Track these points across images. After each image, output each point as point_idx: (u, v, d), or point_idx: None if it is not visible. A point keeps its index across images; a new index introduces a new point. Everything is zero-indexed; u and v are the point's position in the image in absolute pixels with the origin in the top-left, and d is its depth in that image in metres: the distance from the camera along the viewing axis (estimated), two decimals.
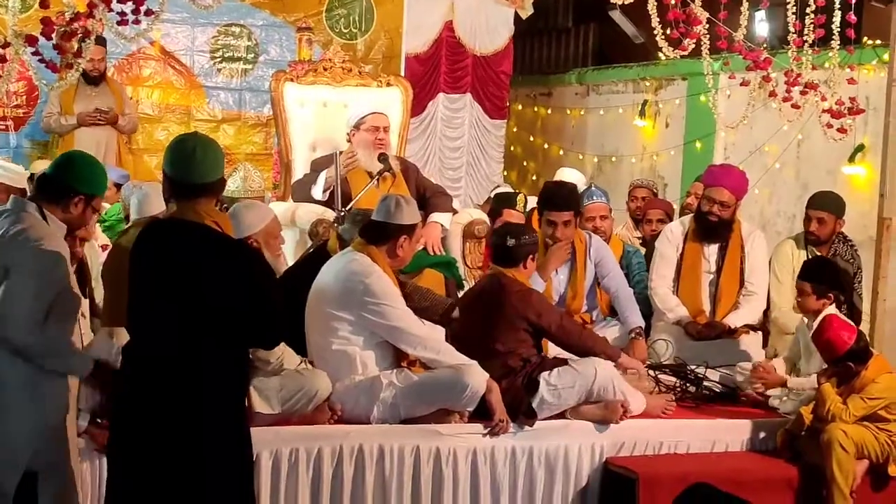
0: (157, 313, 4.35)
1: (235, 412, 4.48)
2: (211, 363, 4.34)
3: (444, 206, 8.03)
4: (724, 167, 8.08)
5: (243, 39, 11.60)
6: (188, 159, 4.48)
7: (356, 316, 5.80)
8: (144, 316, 4.40)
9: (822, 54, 8.21)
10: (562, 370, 6.17)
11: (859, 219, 8.78)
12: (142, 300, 4.41)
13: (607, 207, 8.08)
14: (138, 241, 4.49)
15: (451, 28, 12.46)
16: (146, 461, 4.32)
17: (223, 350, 4.37)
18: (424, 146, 12.33)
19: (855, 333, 6.17)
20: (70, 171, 5.01)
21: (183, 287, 4.30)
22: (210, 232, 4.40)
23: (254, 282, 4.37)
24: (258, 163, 10.89)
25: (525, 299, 6.32)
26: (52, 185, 4.97)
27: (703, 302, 7.51)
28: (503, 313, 6.25)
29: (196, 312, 4.30)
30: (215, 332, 4.31)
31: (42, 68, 7.32)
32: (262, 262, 4.57)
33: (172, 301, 4.31)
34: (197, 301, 4.29)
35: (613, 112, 13.58)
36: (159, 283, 4.35)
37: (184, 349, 4.31)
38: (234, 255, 4.40)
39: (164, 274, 4.35)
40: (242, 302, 4.32)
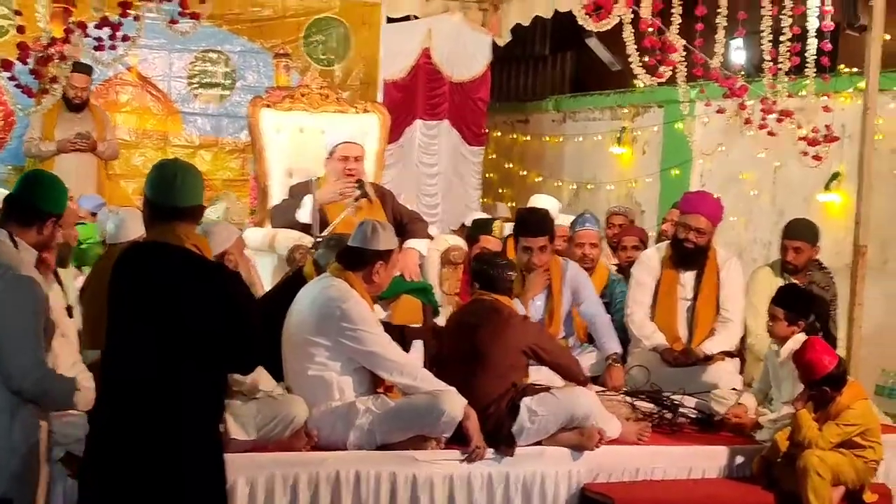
0: (136, 336, 4.33)
1: (212, 436, 4.46)
2: (189, 386, 4.32)
3: (420, 233, 8.03)
4: (700, 194, 8.10)
5: (221, 65, 11.60)
6: (170, 183, 4.48)
7: (333, 341, 5.79)
8: (123, 338, 4.38)
9: (797, 82, 8.26)
10: (543, 397, 6.16)
11: (835, 246, 8.81)
12: (120, 322, 4.40)
13: (598, 235, 8.12)
14: (117, 264, 4.47)
15: (429, 55, 12.49)
16: (121, 484, 4.28)
17: (201, 373, 4.35)
18: (402, 172, 12.33)
19: (836, 360, 6.18)
20: (40, 193, 4.98)
21: (162, 309, 4.29)
22: (190, 255, 4.39)
23: (233, 306, 4.36)
24: (235, 188, 10.89)
25: (524, 325, 6.36)
26: (22, 208, 4.93)
27: (680, 329, 7.51)
28: (498, 338, 6.26)
29: (175, 335, 4.28)
30: (194, 355, 4.30)
31: (18, 93, 7.30)
32: (242, 286, 4.56)
33: (151, 323, 4.29)
34: (176, 324, 4.28)
35: (590, 139, 13.62)
36: (138, 305, 4.33)
37: (162, 372, 4.29)
38: (213, 279, 4.39)
39: (143, 296, 4.33)
40: (221, 326, 4.31)
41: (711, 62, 8.09)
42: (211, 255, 4.56)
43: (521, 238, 7.29)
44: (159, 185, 4.50)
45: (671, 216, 8.80)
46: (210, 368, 4.38)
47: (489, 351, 6.23)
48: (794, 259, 7.71)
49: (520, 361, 6.34)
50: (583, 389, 6.33)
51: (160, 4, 7.22)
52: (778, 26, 7.96)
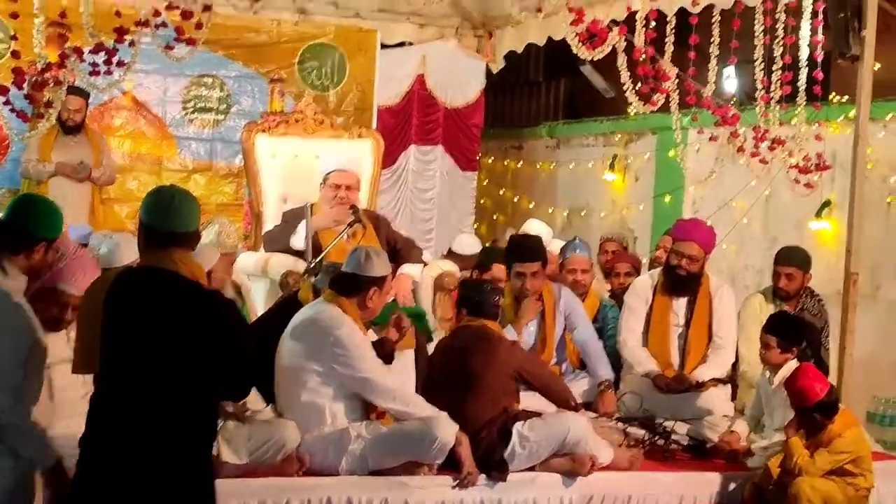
0: (130, 359, 4.34)
1: (205, 460, 4.47)
2: (183, 409, 4.33)
3: (414, 259, 8.06)
4: (692, 221, 8.13)
5: (216, 90, 11.62)
6: (167, 208, 4.50)
7: (326, 367, 5.80)
8: (117, 361, 4.39)
9: (789, 111, 8.30)
10: (535, 422, 6.18)
11: (826, 273, 8.84)
12: (115, 345, 4.40)
13: (589, 261, 8.13)
14: (113, 288, 4.48)
15: (423, 81, 12.52)
16: None
17: (196, 396, 4.36)
18: (396, 197, 12.36)
19: (828, 387, 6.20)
20: (29, 217, 4.99)
21: (157, 332, 4.30)
22: (183, 280, 4.41)
23: (227, 333, 4.37)
24: (229, 213, 10.89)
25: (512, 350, 6.39)
26: (11, 233, 4.94)
27: (672, 355, 7.52)
28: (488, 363, 6.28)
29: (169, 358, 4.29)
30: (188, 378, 4.31)
31: (13, 118, 7.32)
32: (235, 312, 4.58)
33: (146, 346, 4.30)
34: (171, 346, 4.29)
35: (583, 165, 13.66)
36: (133, 328, 4.34)
37: (156, 394, 4.30)
38: (208, 305, 4.41)
39: (138, 319, 4.34)
40: (214, 351, 4.32)
41: (704, 90, 8.13)
42: (206, 281, 4.58)
43: (514, 264, 7.33)
44: (156, 210, 4.52)
45: (664, 243, 8.82)
46: (204, 392, 4.40)
47: (479, 375, 6.25)
48: (787, 285, 7.74)
49: (509, 386, 6.36)
50: (574, 415, 6.35)
51: (156, 31, 7.24)
52: (770, 55, 8.01)
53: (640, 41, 7.98)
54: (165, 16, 7.26)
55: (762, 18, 7.94)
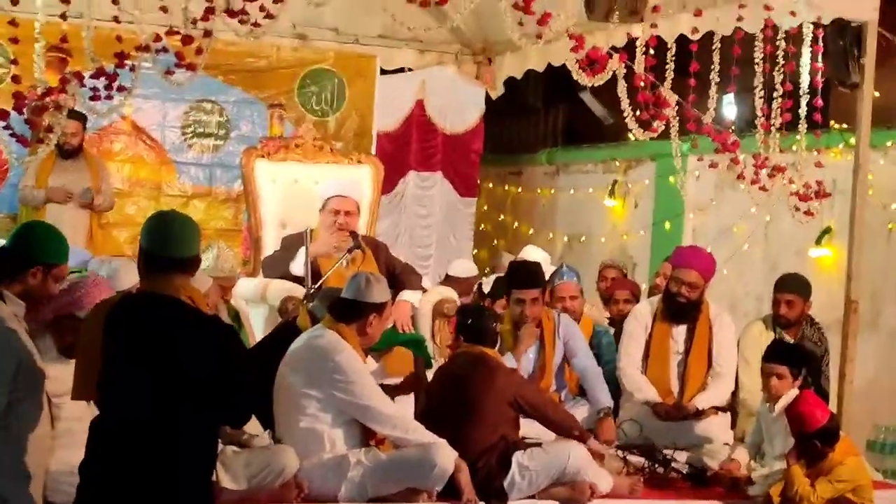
0: (130, 382, 4.33)
1: (205, 486, 4.46)
2: (183, 434, 4.32)
3: (413, 285, 8.04)
4: (692, 248, 8.13)
5: (215, 115, 11.61)
6: (166, 233, 4.50)
7: (325, 393, 5.79)
8: (117, 385, 4.38)
9: (789, 138, 8.30)
10: (535, 451, 6.17)
11: (826, 300, 8.83)
12: (115, 369, 4.39)
13: (578, 287, 8.10)
14: (112, 314, 4.47)
15: (423, 106, 12.53)
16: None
17: (196, 421, 4.35)
18: (395, 223, 12.35)
19: (828, 415, 6.19)
20: (26, 241, 5.00)
21: (156, 356, 4.29)
22: (183, 306, 4.40)
23: (225, 357, 4.36)
24: (228, 238, 10.84)
25: (509, 377, 6.37)
26: (8, 258, 4.94)
27: (672, 383, 7.52)
28: (487, 390, 6.26)
29: (169, 382, 4.28)
30: (188, 403, 4.30)
31: (13, 142, 7.31)
32: (234, 338, 4.56)
33: (146, 369, 4.29)
34: (170, 370, 4.28)
35: (583, 192, 13.66)
36: (133, 352, 4.33)
37: (157, 419, 4.29)
38: (207, 329, 4.40)
39: (137, 343, 4.34)
40: (214, 377, 4.31)
41: (704, 117, 8.13)
42: (205, 306, 4.57)
43: (513, 290, 7.32)
44: (156, 235, 4.51)
45: (664, 270, 8.82)
46: (204, 417, 4.39)
47: (476, 403, 6.24)
48: (787, 312, 7.74)
49: (507, 414, 6.33)
50: (574, 443, 6.32)
51: (157, 56, 7.24)
52: (770, 83, 8.01)
53: (640, 68, 7.99)
54: (166, 41, 7.25)
55: (762, 46, 7.94)
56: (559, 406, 7.00)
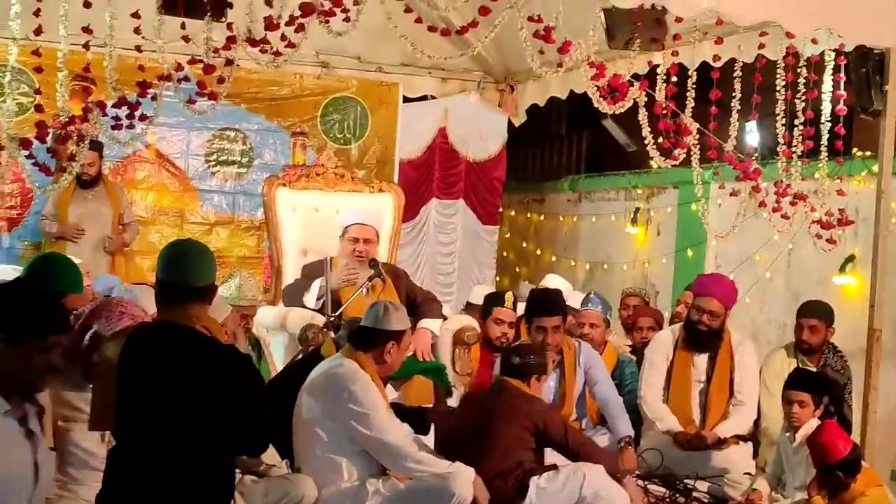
0: (147, 411, 4.34)
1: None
2: (200, 463, 4.32)
3: (433, 313, 8.03)
4: (713, 276, 8.10)
5: (238, 143, 11.67)
6: (181, 263, 4.52)
7: (341, 422, 5.78)
8: (133, 414, 4.38)
9: (811, 165, 8.28)
10: (551, 474, 6.15)
11: (850, 329, 8.76)
12: (131, 399, 4.40)
13: (602, 316, 8.10)
14: (128, 344, 4.49)
15: (445, 134, 12.56)
16: None
17: (213, 450, 4.35)
18: (416, 251, 12.36)
19: (851, 445, 6.13)
20: (30, 274, 5.05)
21: (172, 385, 4.30)
22: (199, 335, 4.41)
23: (242, 386, 4.36)
24: (250, 266, 10.91)
25: (530, 403, 6.35)
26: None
27: (693, 411, 7.48)
28: (506, 416, 6.25)
29: (185, 411, 4.28)
30: (205, 432, 4.30)
31: (36, 171, 7.35)
32: (251, 367, 4.57)
33: (162, 398, 4.30)
34: (186, 400, 4.29)
35: (605, 219, 13.63)
36: (149, 381, 4.35)
37: (174, 448, 4.29)
38: (223, 358, 4.40)
39: (153, 373, 4.35)
40: (230, 406, 4.31)
41: (725, 145, 8.11)
42: (222, 335, 4.57)
43: (534, 318, 7.31)
44: (171, 265, 4.53)
45: (685, 298, 8.80)
46: (220, 446, 4.39)
47: (494, 428, 6.23)
48: (810, 338, 7.71)
49: (527, 441, 6.30)
50: (592, 466, 6.26)
51: (179, 85, 7.27)
52: (792, 110, 7.99)
53: (661, 96, 7.98)
54: (188, 70, 7.29)
55: (784, 73, 7.93)
56: (586, 438, 6.88)
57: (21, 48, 6.78)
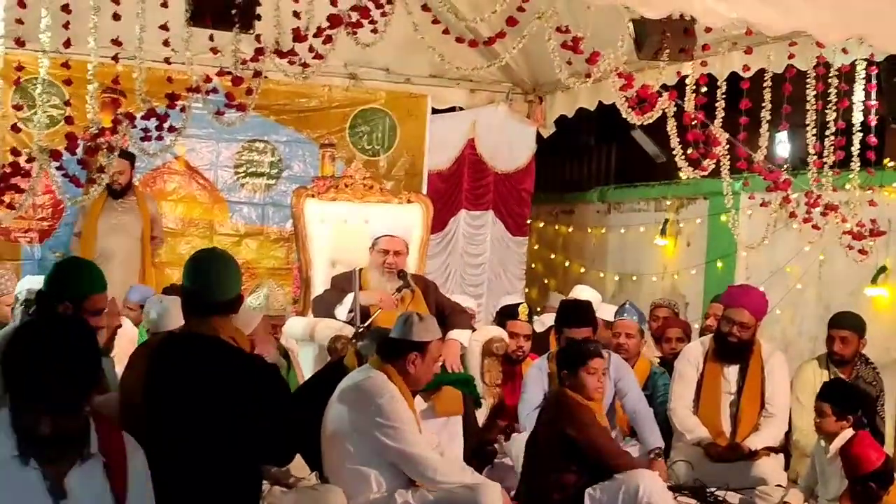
0: (174, 423, 4.34)
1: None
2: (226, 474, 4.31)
3: (462, 324, 8.03)
4: (743, 288, 8.05)
5: (267, 155, 11.69)
6: (206, 275, 4.52)
7: (369, 435, 5.76)
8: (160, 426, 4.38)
9: (842, 176, 8.23)
10: (606, 484, 6.15)
11: (883, 341, 8.71)
12: (158, 411, 4.40)
13: (636, 326, 8.08)
14: (154, 357, 4.49)
15: (474, 146, 12.54)
16: None
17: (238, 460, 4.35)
18: (445, 262, 12.35)
19: (884, 457, 6.08)
20: (52, 280, 5.09)
21: (198, 397, 4.30)
22: (226, 346, 4.41)
23: (268, 397, 4.36)
24: (279, 277, 10.91)
25: (571, 414, 6.34)
26: (39, 301, 5.10)
27: (724, 423, 7.43)
28: (552, 426, 6.29)
29: (211, 422, 4.28)
30: (231, 444, 4.30)
31: (66, 183, 7.38)
32: (277, 377, 4.57)
33: (189, 408, 4.30)
34: (212, 410, 4.29)
35: (634, 230, 13.58)
36: (175, 393, 4.35)
37: (199, 458, 4.29)
38: (248, 369, 4.40)
39: (179, 385, 4.35)
40: (256, 417, 4.30)
41: (755, 156, 8.08)
42: (248, 346, 4.57)
43: (564, 329, 7.29)
44: (196, 278, 4.54)
45: (713, 311, 8.77)
46: (246, 457, 4.38)
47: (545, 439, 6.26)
48: (841, 349, 7.66)
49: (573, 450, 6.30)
50: (645, 472, 6.25)
51: (207, 96, 7.30)
52: (823, 120, 7.95)
53: (690, 106, 7.96)
54: (217, 81, 7.31)
55: (814, 83, 7.89)
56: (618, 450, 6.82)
57: (51, 60, 6.81)
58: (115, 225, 9.99)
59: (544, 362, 7.39)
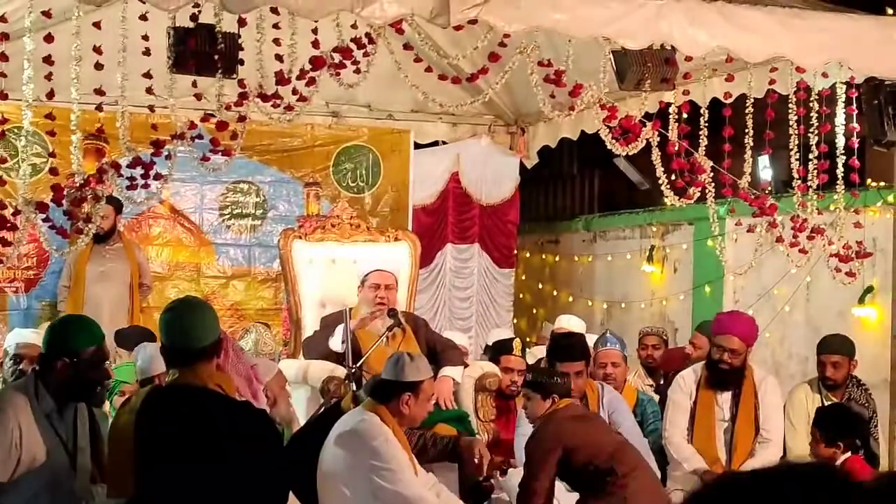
0: (162, 475, 4.32)
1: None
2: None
3: (455, 360, 8.01)
4: (732, 314, 8.06)
5: (252, 196, 11.69)
6: (179, 327, 4.53)
7: (364, 478, 5.73)
8: (150, 479, 4.37)
9: (826, 198, 8.27)
10: None
11: (872, 360, 8.74)
12: (147, 463, 4.38)
13: (620, 355, 8.06)
14: (142, 409, 4.49)
15: (458, 179, 12.56)
16: None
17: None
18: (433, 297, 12.34)
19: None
20: (48, 339, 5.14)
21: (189, 446, 4.28)
22: (213, 395, 4.40)
23: (258, 444, 4.35)
24: (268, 318, 10.89)
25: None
26: (42, 360, 5.15)
27: (719, 450, 7.43)
28: None
29: (204, 469, 4.27)
30: (224, 488, 4.28)
31: (52, 234, 7.36)
32: (268, 423, 4.56)
33: (177, 461, 4.28)
34: (204, 458, 4.27)
35: (621, 258, 13.62)
36: (163, 444, 4.33)
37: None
38: (238, 417, 4.39)
39: (167, 436, 4.33)
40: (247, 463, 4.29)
41: (740, 182, 8.11)
42: (234, 392, 4.57)
43: (557, 364, 7.24)
44: (168, 331, 4.56)
45: (696, 340, 8.78)
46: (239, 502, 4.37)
47: None
48: (833, 374, 7.67)
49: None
50: None
51: (192, 142, 7.29)
52: (806, 144, 7.99)
53: (673, 135, 7.99)
54: (201, 127, 7.31)
55: (796, 107, 7.93)
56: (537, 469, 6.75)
57: (34, 111, 6.81)
58: (102, 272, 9.98)
59: None
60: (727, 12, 6.91)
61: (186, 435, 4.32)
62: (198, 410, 4.38)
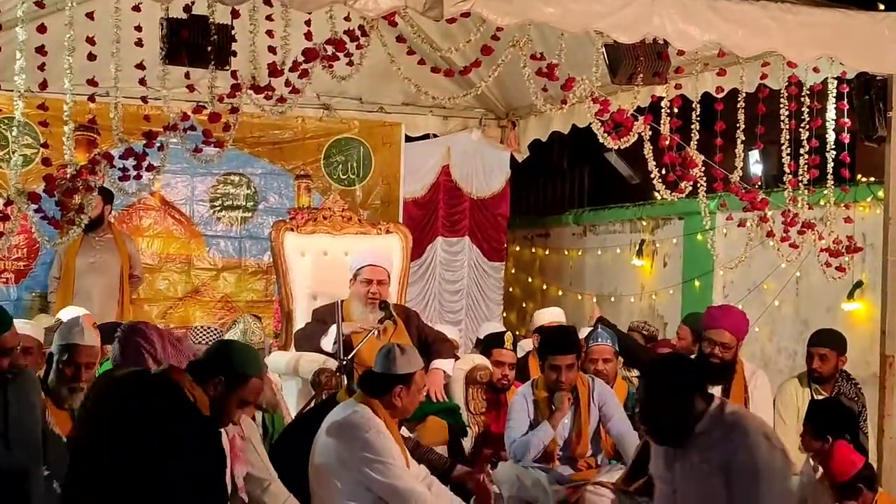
0: (97, 466, 4.31)
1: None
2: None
3: (446, 353, 8.03)
4: (723, 308, 8.06)
5: (242, 188, 11.69)
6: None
7: (356, 470, 5.73)
8: (84, 469, 4.35)
9: (817, 193, 8.29)
10: None
11: (861, 355, 8.76)
12: (82, 449, 4.38)
13: (612, 350, 8.05)
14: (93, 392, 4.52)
15: (448, 172, 12.58)
16: None
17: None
18: (424, 289, 12.36)
19: (863, 460, 6.20)
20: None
21: (109, 437, 4.28)
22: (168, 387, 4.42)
23: (195, 456, 4.36)
24: (259, 310, 10.88)
25: None
26: None
27: None
28: None
29: (117, 463, 4.27)
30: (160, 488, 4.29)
31: (44, 225, 7.35)
32: (213, 437, 4.56)
33: (111, 452, 4.28)
34: (119, 452, 4.27)
35: (611, 252, 13.64)
36: (92, 431, 4.34)
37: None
38: (175, 416, 4.40)
39: (98, 423, 4.35)
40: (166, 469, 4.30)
41: (732, 176, 8.12)
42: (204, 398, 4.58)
43: (548, 357, 7.24)
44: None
45: (681, 333, 8.81)
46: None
47: None
48: (820, 367, 7.67)
49: None
50: None
51: (184, 134, 7.28)
52: (797, 139, 8.01)
53: (665, 129, 8.00)
54: (193, 119, 7.30)
55: (787, 103, 7.95)
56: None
57: (26, 101, 6.79)
58: (92, 264, 9.97)
59: (529, 389, 7.37)
60: (719, 7, 6.92)
61: (114, 420, 4.30)
62: (136, 399, 4.37)
